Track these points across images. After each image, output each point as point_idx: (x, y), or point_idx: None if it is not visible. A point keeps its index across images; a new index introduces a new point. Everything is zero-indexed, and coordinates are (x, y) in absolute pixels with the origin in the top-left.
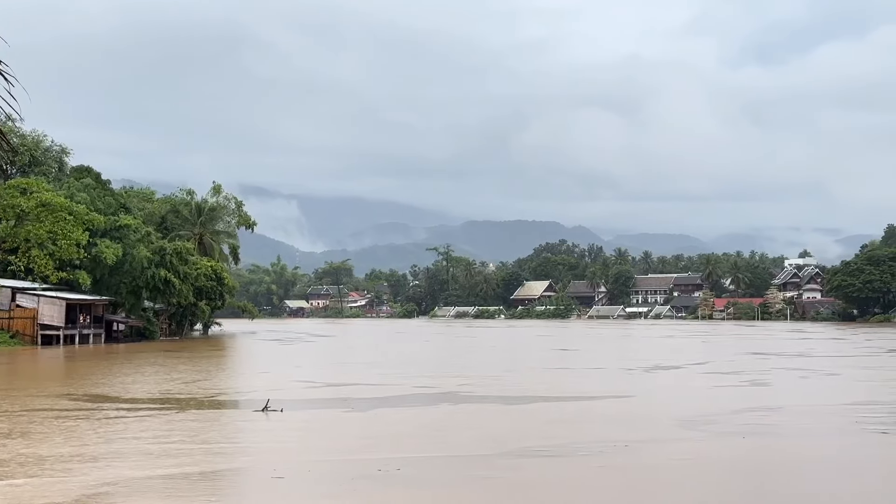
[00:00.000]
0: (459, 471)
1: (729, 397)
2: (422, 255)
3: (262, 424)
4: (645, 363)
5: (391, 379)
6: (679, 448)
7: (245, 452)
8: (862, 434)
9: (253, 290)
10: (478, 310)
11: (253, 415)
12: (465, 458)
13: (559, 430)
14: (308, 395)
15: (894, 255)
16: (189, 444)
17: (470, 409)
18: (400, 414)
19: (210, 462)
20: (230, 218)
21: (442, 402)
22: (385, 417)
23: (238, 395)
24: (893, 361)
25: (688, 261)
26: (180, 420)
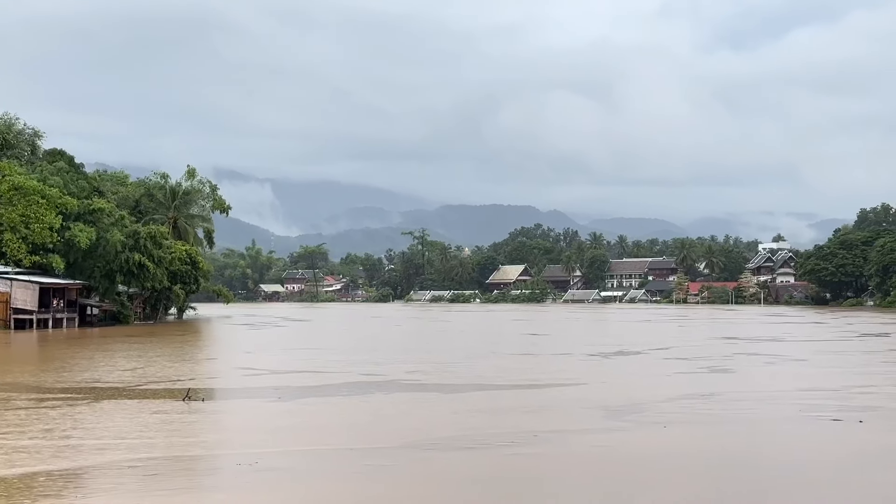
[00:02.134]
0: (335, 464)
1: (676, 384)
2: (397, 240)
3: (169, 416)
4: (610, 348)
5: (342, 366)
6: (588, 439)
7: (110, 447)
8: (801, 422)
9: (228, 274)
10: (453, 294)
11: (170, 405)
12: (359, 451)
13: (481, 421)
14: (243, 384)
15: (867, 240)
16: (47, 440)
17: (403, 398)
18: (325, 404)
19: (66, 457)
20: (204, 202)
21: (379, 391)
22: (306, 408)
23: (171, 383)
24: (863, 346)
25: (663, 245)
26: (78, 412)
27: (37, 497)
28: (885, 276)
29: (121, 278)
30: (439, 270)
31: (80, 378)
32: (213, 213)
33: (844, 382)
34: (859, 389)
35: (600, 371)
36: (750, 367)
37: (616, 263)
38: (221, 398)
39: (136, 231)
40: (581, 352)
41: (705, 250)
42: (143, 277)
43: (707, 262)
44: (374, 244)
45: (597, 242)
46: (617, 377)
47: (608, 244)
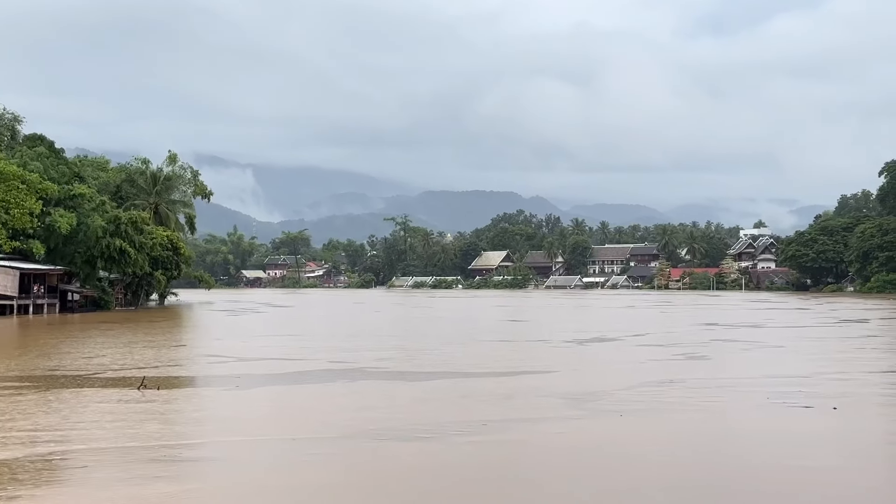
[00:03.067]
0: (270, 454)
1: (645, 371)
2: (379, 226)
3: (117, 405)
4: (587, 335)
5: (312, 353)
6: (538, 428)
7: (40, 439)
8: (766, 409)
9: (209, 260)
10: (435, 280)
11: (123, 394)
12: (303, 440)
13: (437, 409)
14: (206, 372)
15: (847, 226)
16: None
17: (365, 386)
18: (282, 393)
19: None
20: (186, 187)
21: (342, 380)
22: (261, 397)
23: (133, 370)
24: (842, 332)
25: (644, 231)
26: (22, 402)
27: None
28: (864, 262)
29: (102, 264)
30: (422, 256)
31: (42, 365)
32: (195, 198)
33: (818, 369)
34: (833, 376)
35: (573, 358)
36: (724, 353)
37: (598, 249)
38: (178, 386)
39: (117, 216)
40: (558, 338)
41: (687, 236)
42: (125, 263)
43: (689, 248)
44: (357, 230)
45: (579, 228)
46: (588, 364)
47: (590, 230)
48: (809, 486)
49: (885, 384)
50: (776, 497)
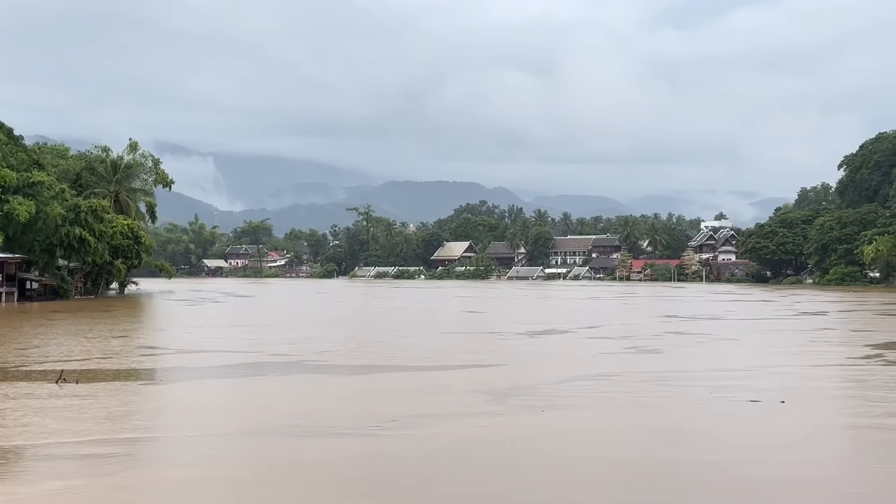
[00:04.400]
0: (158, 452)
1: (588, 364)
2: (342, 215)
3: (26, 401)
4: (542, 327)
5: (256, 344)
6: (449, 425)
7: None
8: (705, 403)
9: (171, 249)
10: (398, 270)
11: (40, 388)
12: (198, 437)
13: (358, 405)
14: (135, 364)
15: (807, 218)
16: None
17: (296, 380)
18: (205, 387)
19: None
20: (147, 176)
21: (275, 373)
22: (180, 392)
23: (61, 363)
24: (801, 325)
25: (606, 223)
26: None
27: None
28: (823, 254)
29: (61, 252)
30: (384, 247)
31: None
32: (156, 187)
33: (770, 362)
34: (783, 369)
35: (520, 351)
36: (676, 346)
37: (560, 240)
38: (99, 380)
39: (76, 205)
40: (511, 331)
41: (648, 228)
42: (84, 252)
43: (650, 240)
44: (319, 220)
45: (541, 219)
46: (533, 358)
47: (553, 221)
48: (721, 482)
49: (836, 378)
50: (680, 495)
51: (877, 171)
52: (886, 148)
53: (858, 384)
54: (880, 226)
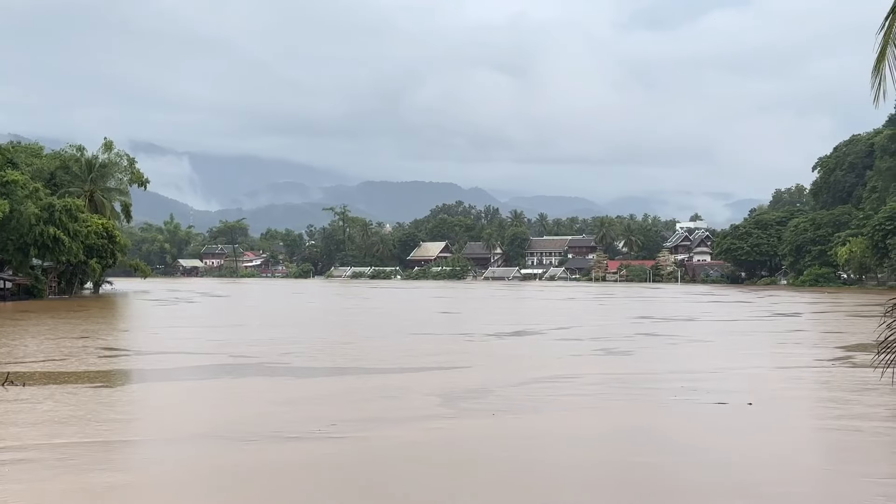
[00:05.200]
0: (71, 457)
1: (551, 366)
2: (318, 215)
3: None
4: (512, 328)
5: (220, 346)
6: (391, 429)
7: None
8: (666, 406)
9: (145, 248)
10: (374, 270)
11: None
12: (117, 442)
13: (305, 409)
14: (90, 367)
15: (781, 220)
16: None
17: (249, 383)
18: (152, 391)
19: None
20: (122, 175)
21: (230, 375)
22: (124, 395)
23: (8, 365)
24: (774, 326)
25: (582, 223)
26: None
27: None
28: (798, 255)
29: (35, 252)
30: (360, 247)
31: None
32: (131, 186)
33: (738, 364)
34: (752, 371)
35: (487, 353)
36: (646, 347)
37: (536, 241)
38: (48, 382)
39: (51, 204)
40: (482, 332)
41: (624, 229)
42: (58, 251)
43: (626, 241)
44: (295, 220)
45: (517, 220)
46: (498, 360)
47: (529, 222)
48: (667, 485)
49: (804, 380)
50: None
51: (850, 172)
52: (860, 150)
53: (825, 386)
54: (854, 227)
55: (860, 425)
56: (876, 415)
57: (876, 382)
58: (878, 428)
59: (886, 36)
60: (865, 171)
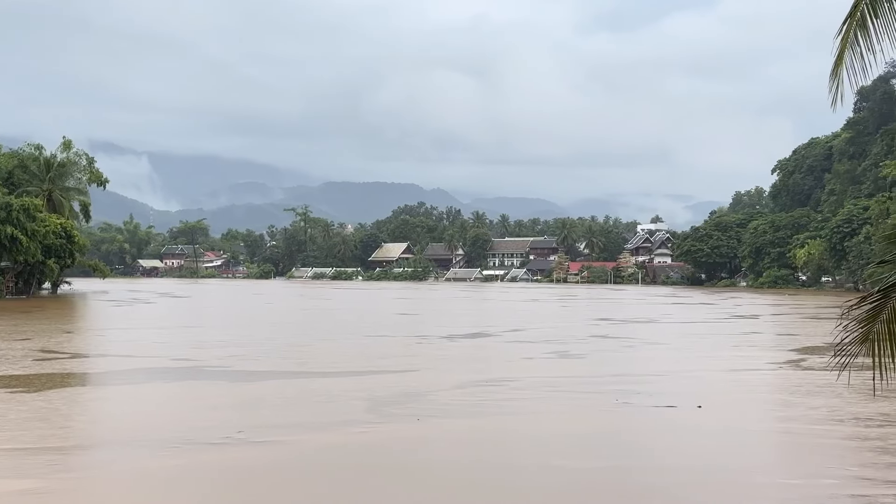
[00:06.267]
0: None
1: (494, 369)
2: (279, 216)
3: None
4: (469, 330)
5: (163, 348)
6: (298, 437)
7: None
8: (603, 410)
9: (105, 248)
10: (335, 271)
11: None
12: (22, 451)
13: (228, 415)
14: (18, 370)
15: (741, 222)
16: None
17: (180, 388)
18: (73, 396)
19: None
20: (81, 174)
21: (162, 380)
22: (43, 401)
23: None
24: (731, 328)
25: (544, 225)
26: None
27: None
28: (757, 257)
29: None
30: (322, 247)
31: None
32: (90, 185)
33: (691, 366)
34: (704, 374)
35: (435, 355)
36: (600, 350)
37: (498, 242)
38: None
39: (8, 203)
40: (437, 334)
41: (586, 230)
42: (16, 251)
43: (587, 242)
44: (257, 220)
45: (479, 221)
46: (444, 362)
47: (490, 223)
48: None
49: (755, 383)
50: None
51: (809, 175)
52: (818, 153)
53: (773, 389)
54: (812, 230)
55: (799, 428)
56: (818, 417)
57: (822, 385)
58: (814, 430)
59: (844, 40)
60: (824, 174)
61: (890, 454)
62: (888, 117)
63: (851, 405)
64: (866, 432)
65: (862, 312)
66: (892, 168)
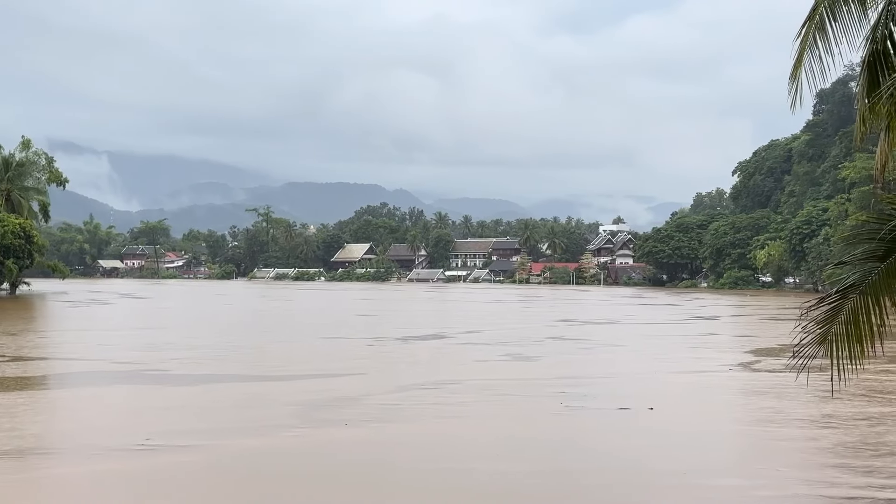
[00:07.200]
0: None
1: (443, 372)
2: (241, 216)
3: None
4: (425, 331)
5: (107, 350)
6: (210, 443)
7: None
8: (555, 412)
9: (64, 249)
10: (298, 272)
11: None
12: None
13: (133, 421)
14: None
15: (702, 223)
16: None
17: (107, 392)
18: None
19: None
20: (40, 174)
21: (92, 384)
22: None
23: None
24: (691, 329)
25: (507, 226)
26: None
27: None
28: (718, 258)
29: None
30: (284, 248)
31: None
32: (49, 185)
33: (645, 368)
34: (661, 376)
35: (385, 358)
36: (555, 352)
37: (461, 243)
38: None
39: None
40: (392, 335)
41: (548, 231)
42: None
43: (550, 243)
44: (218, 221)
45: (442, 222)
46: (391, 365)
47: (453, 224)
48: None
49: (707, 385)
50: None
51: (769, 177)
52: (778, 155)
53: (729, 391)
54: (772, 231)
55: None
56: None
57: (775, 386)
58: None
59: (803, 43)
60: (784, 176)
61: (840, 455)
62: (847, 120)
63: (804, 406)
64: (817, 433)
65: (820, 313)
66: (850, 170)
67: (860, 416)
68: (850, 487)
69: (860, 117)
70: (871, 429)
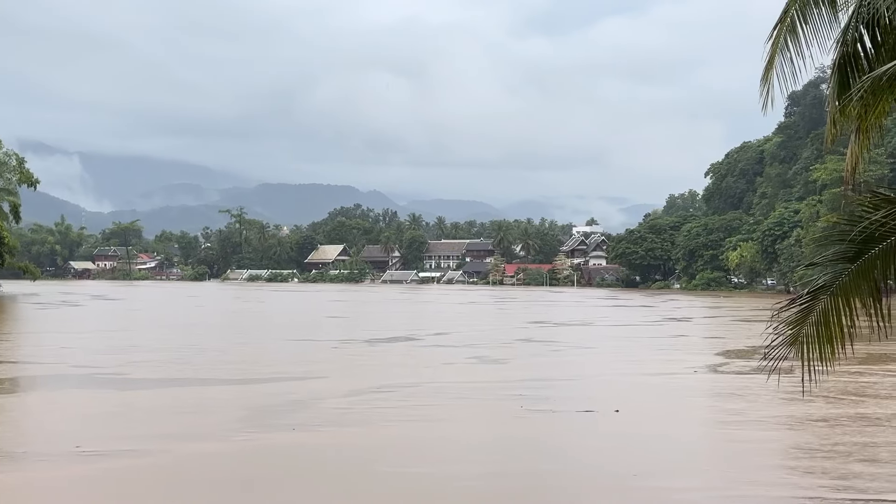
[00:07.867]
0: None
1: (403, 375)
2: (214, 217)
3: None
4: (393, 333)
5: (69, 354)
6: (133, 451)
7: None
8: (514, 414)
9: (35, 250)
10: (271, 273)
11: None
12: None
13: (85, 426)
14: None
15: (675, 225)
16: None
17: (55, 397)
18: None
19: None
20: (10, 175)
21: (44, 388)
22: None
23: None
24: (663, 331)
25: (480, 227)
26: None
27: None
28: (690, 259)
29: None
30: (257, 249)
31: None
32: (20, 186)
33: (613, 370)
34: (628, 378)
35: (348, 361)
36: (524, 355)
37: (434, 244)
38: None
39: None
40: (361, 337)
41: (521, 232)
42: None
43: (523, 245)
44: (191, 222)
45: (415, 223)
46: (355, 367)
47: (427, 225)
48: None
49: (674, 387)
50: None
51: (741, 179)
52: (750, 157)
53: (697, 392)
54: (744, 232)
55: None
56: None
57: (742, 388)
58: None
59: (774, 45)
60: (756, 178)
61: (793, 457)
62: (818, 122)
63: (767, 408)
64: (775, 435)
65: (791, 314)
66: (821, 172)
67: (820, 418)
68: (796, 488)
69: (831, 119)
70: (830, 430)
